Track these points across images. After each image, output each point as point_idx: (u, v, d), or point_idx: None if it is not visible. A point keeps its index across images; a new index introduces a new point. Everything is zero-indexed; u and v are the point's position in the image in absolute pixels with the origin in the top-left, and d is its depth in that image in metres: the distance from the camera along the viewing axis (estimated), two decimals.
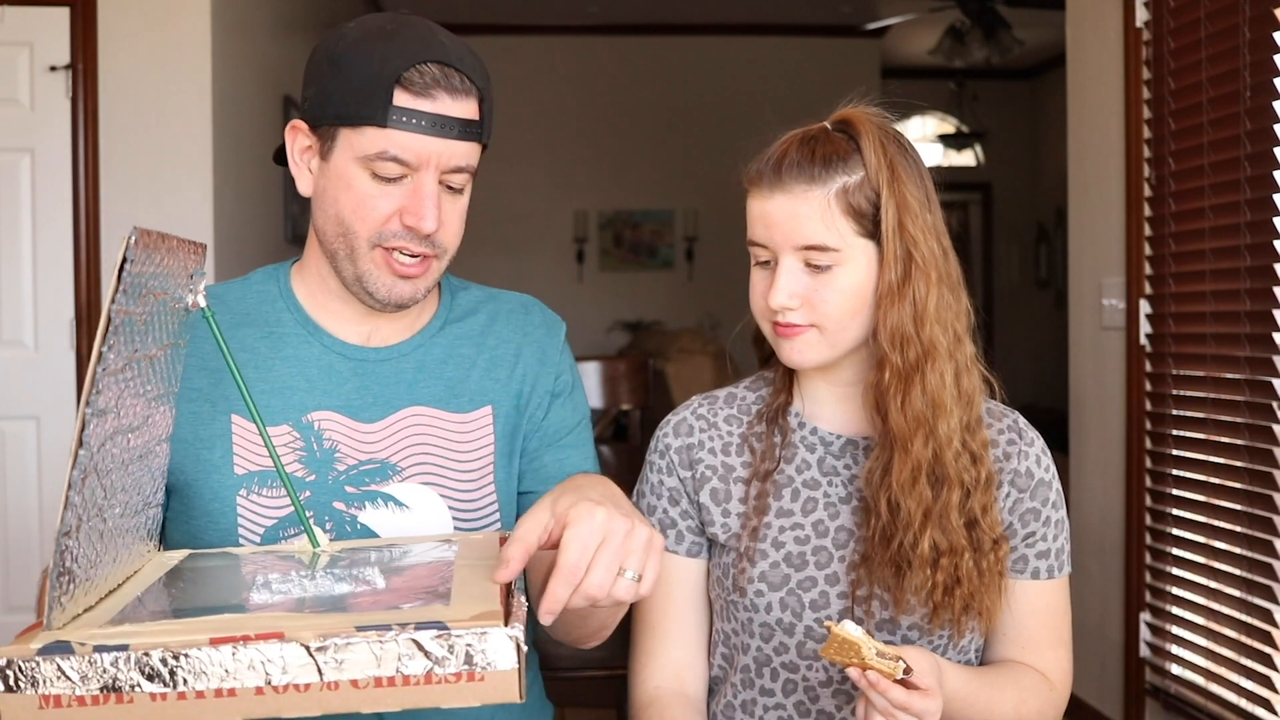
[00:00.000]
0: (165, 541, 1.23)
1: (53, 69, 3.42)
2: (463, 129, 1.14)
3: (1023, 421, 1.30)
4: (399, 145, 1.12)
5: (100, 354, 0.86)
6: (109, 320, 0.87)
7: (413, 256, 1.16)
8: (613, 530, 0.91)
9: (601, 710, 2.37)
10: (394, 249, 1.16)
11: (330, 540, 1.15)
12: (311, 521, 1.16)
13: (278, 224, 4.53)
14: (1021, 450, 1.26)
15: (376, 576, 0.97)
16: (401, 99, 1.11)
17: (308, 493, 1.18)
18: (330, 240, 1.18)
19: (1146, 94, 2.91)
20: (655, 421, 1.39)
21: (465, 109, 1.14)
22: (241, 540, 1.18)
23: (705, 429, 1.31)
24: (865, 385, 1.22)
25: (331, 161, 1.16)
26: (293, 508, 1.17)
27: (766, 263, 1.21)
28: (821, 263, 1.17)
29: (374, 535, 1.20)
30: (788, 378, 1.31)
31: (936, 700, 1.05)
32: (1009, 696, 1.21)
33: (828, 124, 1.23)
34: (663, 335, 6.73)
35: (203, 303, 1.04)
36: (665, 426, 1.33)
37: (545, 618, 0.92)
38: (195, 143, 3.52)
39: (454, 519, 1.23)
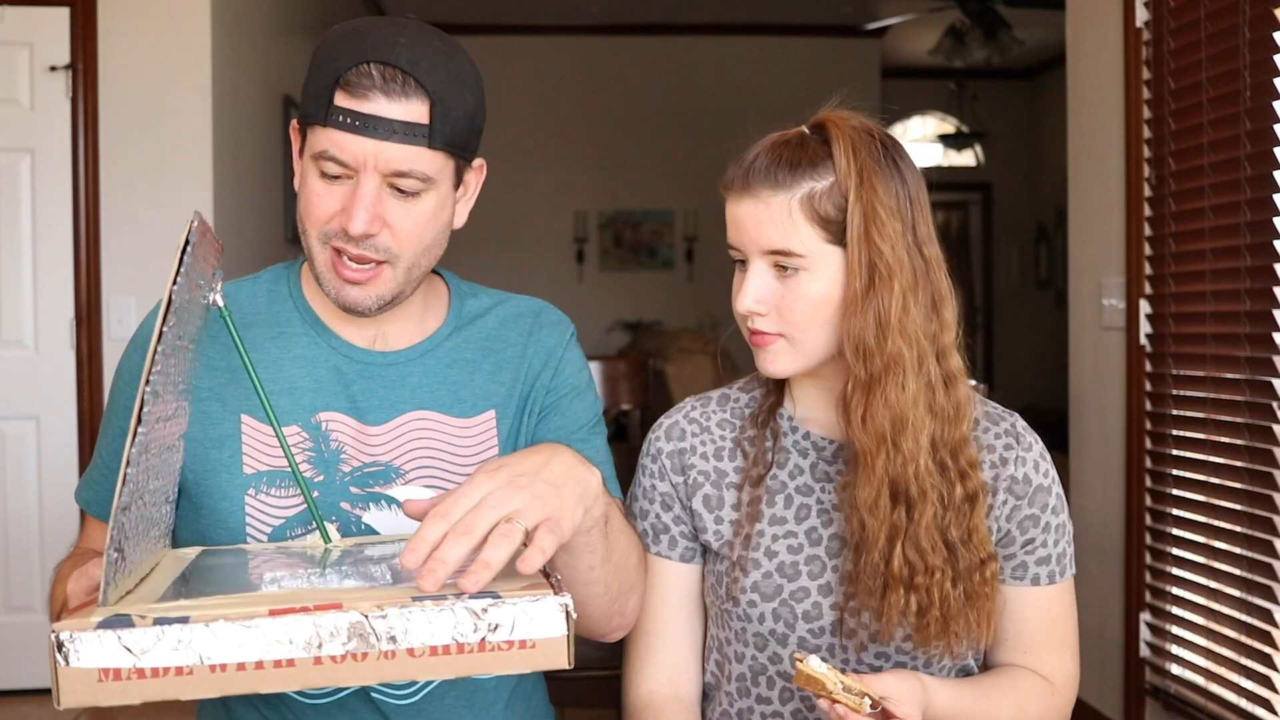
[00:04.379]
0: (174, 540, 1.23)
1: (53, 69, 3.42)
2: (400, 132, 1.11)
3: (1021, 425, 1.27)
4: (336, 145, 1.11)
5: (161, 333, 0.88)
6: (170, 302, 0.89)
7: (358, 262, 1.16)
8: (497, 489, 0.91)
9: (601, 710, 2.37)
10: (337, 249, 1.16)
11: (340, 536, 1.16)
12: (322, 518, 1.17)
13: (278, 224, 4.53)
14: (1019, 456, 1.24)
15: (385, 574, 0.97)
16: (340, 99, 1.11)
17: (316, 493, 1.19)
18: (301, 237, 1.20)
19: (1146, 94, 2.91)
20: (655, 421, 1.38)
21: (407, 112, 1.11)
22: (249, 540, 1.18)
23: (698, 433, 1.29)
24: (835, 387, 1.21)
25: (302, 159, 1.18)
26: (301, 508, 1.18)
27: (744, 262, 1.21)
28: (789, 266, 1.16)
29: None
30: (779, 379, 1.30)
31: None
32: (1007, 706, 1.20)
33: (805, 128, 1.21)
34: (663, 335, 6.73)
35: (220, 302, 1.06)
36: (657, 430, 1.32)
37: (409, 557, 0.87)
38: (195, 143, 3.52)
39: None
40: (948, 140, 8.39)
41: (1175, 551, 2.83)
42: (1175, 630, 2.83)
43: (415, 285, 1.21)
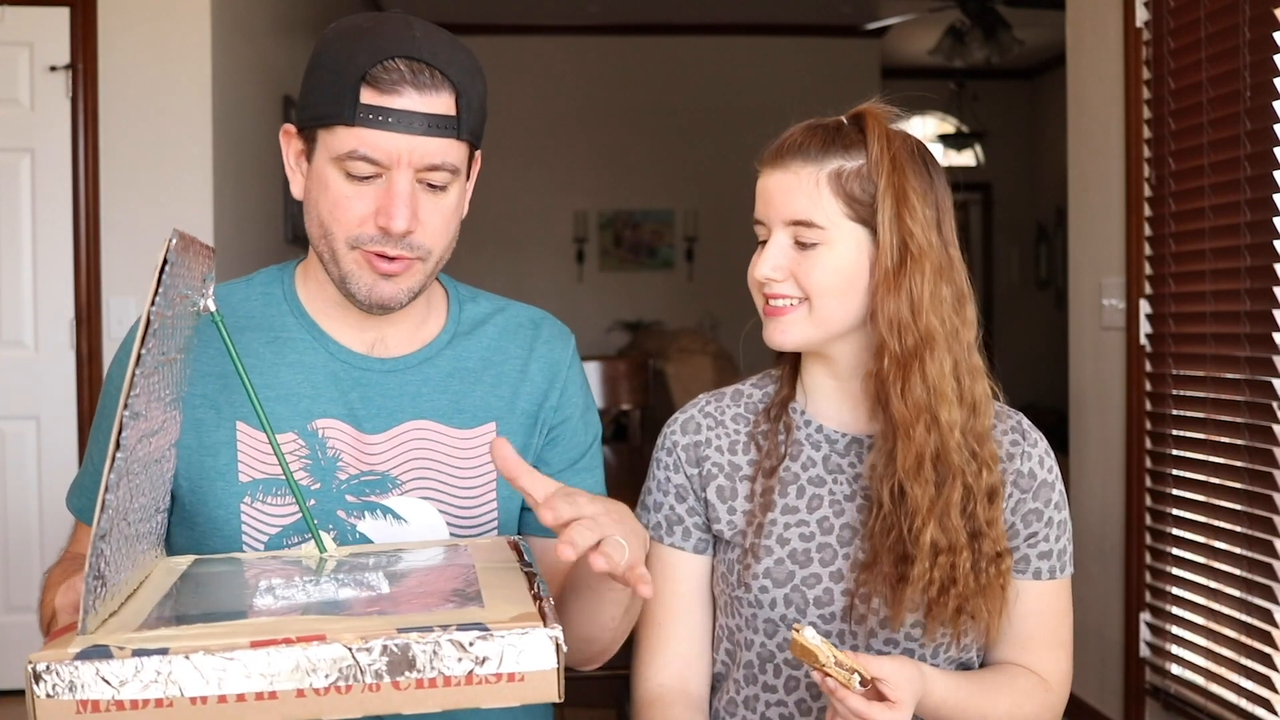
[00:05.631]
0: (168, 546, 1.22)
1: (53, 69, 3.42)
2: (434, 125, 1.11)
3: (1026, 423, 1.31)
4: (368, 144, 1.10)
5: (139, 356, 0.86)
6: (149, 323, 0.87)
7: (390, 260, 1.14)
8: (595, 508, 0.96)
9: (602, 710, 2.37)
10: (371, 252, 1.14)
11: (336, 545, 1.15)
12: (317, 527, 1.16)
13: (278, 224, 4.53)
14: (1025, 451, 1.27)
15: (381, 582, 0.97)
16: (368, 96, 1.09)
17: (313, 501, 1.17)
18: (316, 243, 1.17)
19: (1146, 94, 2.91)
20: (655, 421, 1.39)
21: (436, 104, 1.11)
22: (244, 548, 1.17)
23: (713, 426, 1.31)
24: (865, 375, 1.23)
25: (313, 164, 1.15)
26: (297, 516, 1.16)
27: (765, 242, 1.24)
28: (808, 239, 1.19)
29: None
30: (792, 374, 1.32)
31: (900, 714, 1.06)
32: (1004, 701, 1.21)
33: (843, 118, 1.25)
34: (663, 335, 6.72)
35: (213, 307, 1.04)
36: (673, 424, 1.34)
37: (565, 549, 0.92)
38: (195, 143, 3.52)
39: (451, 534, 1.22)
40: (948, 140, 8.40)
41: (1175, 551, 2.83)
42: (1175, 630, 2.83)
43: (432, 279, 1.21)
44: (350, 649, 0.80)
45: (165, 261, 0.89)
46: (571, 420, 1.30)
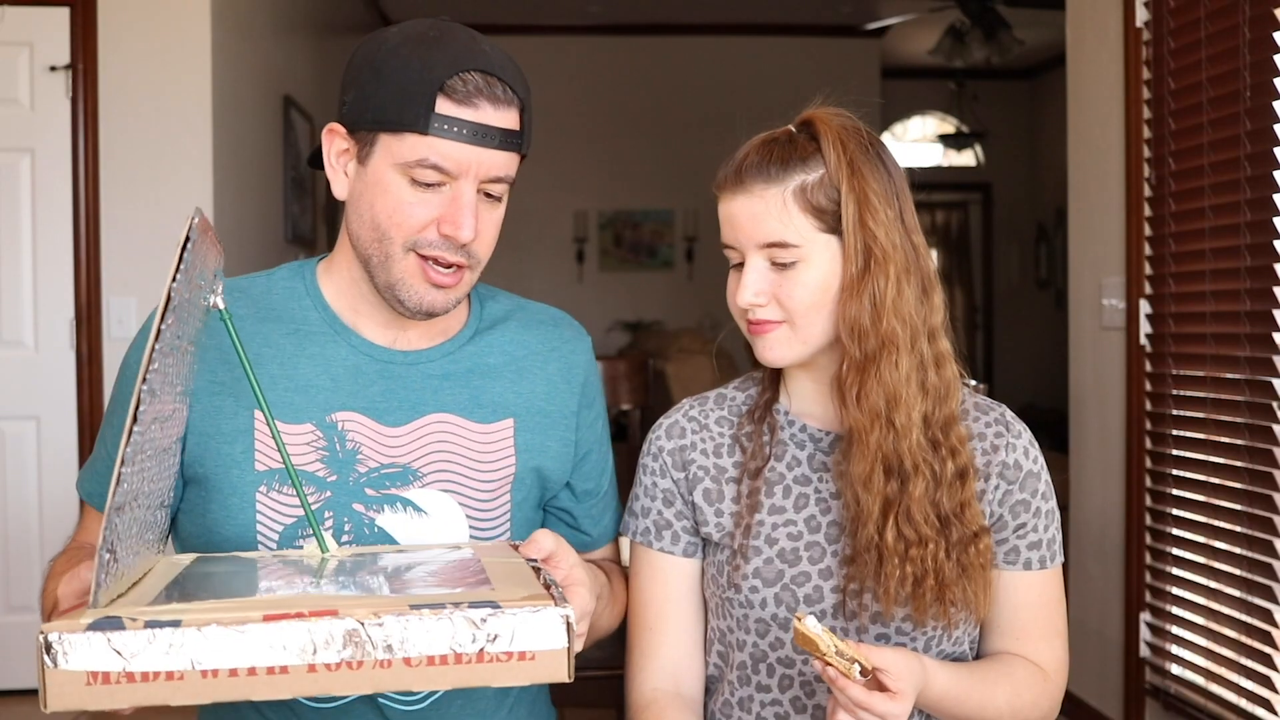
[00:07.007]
0: (180, 535, 1.22)
1: (53, 69, 3.42)
2: (504, 139, 1.14)
3: (1010, 414, 1.31)
4: (440, 153, 1.11)
5: (159, 331, 0.86)
6: (169, 299, 0.87)
7: (447, 267, 1.16)
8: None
9: (601, 710, 2.37)
10: (429, 257, 1.15)
11: (340, 545, 1.14)
12: (330, 523, 1.16)
13: (278, 224, 4.53)
14: (1009, 442, 1.27)
15: (382, 584, 0.96)
16: (444, 107, 1.11)
17: (328, 493, 1.18)
18: (365, 245, 1.17)
19: (1146, 94, 2.91)
20: (655, 422, 1.39)
21: (507, 119, 1.14)
22: (259, 537, 1.17)
23: (697, 430, 1.32)
24: (830, 378, 1.24)
25: (369, 166, 1.15)
26: (314, 507, 1.17)
27: (739, 265, 1.24)
28: (784, 259, 1.19)
29: (390, 539, 1.19)
30: (775, 375, 1.32)
31: (902, 704, 1.06)
32: (1003, 690, 1.22)
33: (791, 127, 1.25)
34: (663, 335, 6.73)
35: (221, 304, 1.04)
36: (657, 429, 1.34)
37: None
38: (195, 143, 3.52)
39: (470, 527, 1.23)
40: (948, 140, 8.39)
41: (1175, 551, 2.83)
42: (1175, 630, 2.83)
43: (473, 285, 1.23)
44: (363, 623, 0.80)
45: (187, 239, 0.89)
46: (592, 434, 1.35)
